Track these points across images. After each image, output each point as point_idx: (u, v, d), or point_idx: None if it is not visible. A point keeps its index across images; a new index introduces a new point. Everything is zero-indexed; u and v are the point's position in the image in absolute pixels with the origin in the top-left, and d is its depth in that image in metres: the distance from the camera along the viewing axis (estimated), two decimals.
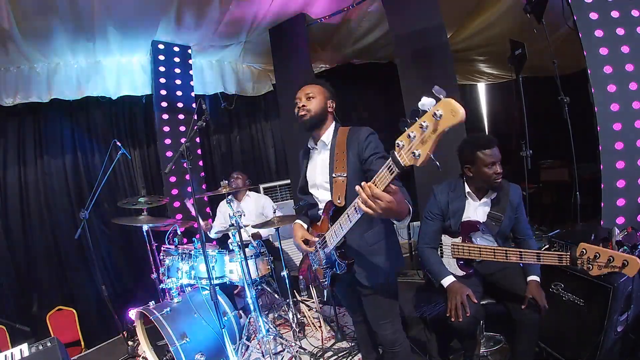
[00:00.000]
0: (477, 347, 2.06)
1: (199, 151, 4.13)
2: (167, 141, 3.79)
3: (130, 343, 2.91)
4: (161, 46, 3.77)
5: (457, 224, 1.96)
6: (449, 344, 2.31)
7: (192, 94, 3.99)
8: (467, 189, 1.97)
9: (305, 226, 1.80)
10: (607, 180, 2.31)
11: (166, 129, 3.80)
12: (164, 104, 3.81)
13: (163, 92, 3.81)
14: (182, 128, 3.88)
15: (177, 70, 3.88)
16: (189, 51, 3.96)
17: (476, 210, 1.97)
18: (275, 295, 3.12)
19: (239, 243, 2.47)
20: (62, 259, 3.59)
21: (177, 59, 3.88)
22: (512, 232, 2.03)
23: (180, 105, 3.88)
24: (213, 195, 2.76)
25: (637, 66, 2.28)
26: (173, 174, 3.77)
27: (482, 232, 1.92)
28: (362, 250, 1.59)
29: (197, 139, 4.05)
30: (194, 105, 3.93)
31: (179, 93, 3.89)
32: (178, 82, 3.90)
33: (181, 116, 3.89)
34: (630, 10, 2.31)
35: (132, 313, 2.57)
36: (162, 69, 3.80)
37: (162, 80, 3.81)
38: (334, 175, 1.56)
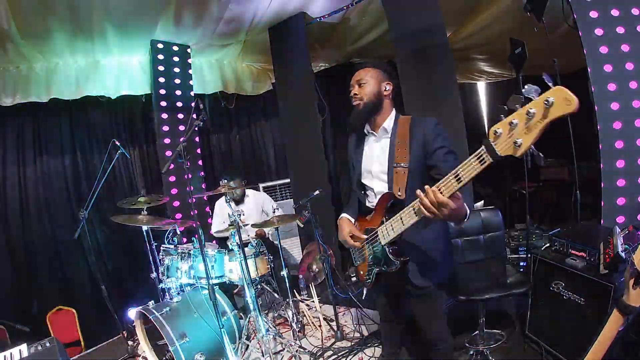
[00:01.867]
0: None
1: (199, 150, 4.12)
2: (167, 140, 3.78)
3: (130, 343, 2.91)
4: (160, 45, 3.76)
5: None
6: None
7: (192, 94, 3.98)
8: None
9: (353, 220, 1.68)
10: (607, 179, 2.30)
11: (165, 128, 3.79)
12: (163, 104, 3.80)
13: (162, 92, 3.80)
14: (182, 127, 3.87)
15: (177, 70, 3.87)
16: (188, 50, 3.95)
17: None
18: (275, 295, 3.12)
19: (239, 242, 2.47)
20: (62, 259, 3.58)
21: (176, 58, 3.87)
22: None
23: (179, 104, 3.88)
24: (213, 195, 2.76)
25: (637, 65, 2.26)
26: (172, 174, 3.76)
27: None
28: (419, 247, 1.48)
29: (197, 139, 4.04)
30: (193, 104, 3.92)
31: (178, 92, 3.88)
32: (177, 81, 3.89)
33: (180, 115, 3.88)
34: (630, 9, 2.29)
35: (132, 313, 2.57)
36: (161, 68, 3.78)
37: (162, 79, 3.80)
38: (394, 164, 1.45)
